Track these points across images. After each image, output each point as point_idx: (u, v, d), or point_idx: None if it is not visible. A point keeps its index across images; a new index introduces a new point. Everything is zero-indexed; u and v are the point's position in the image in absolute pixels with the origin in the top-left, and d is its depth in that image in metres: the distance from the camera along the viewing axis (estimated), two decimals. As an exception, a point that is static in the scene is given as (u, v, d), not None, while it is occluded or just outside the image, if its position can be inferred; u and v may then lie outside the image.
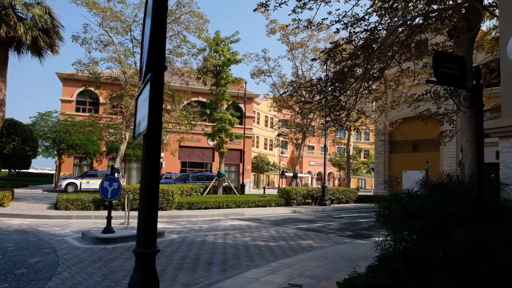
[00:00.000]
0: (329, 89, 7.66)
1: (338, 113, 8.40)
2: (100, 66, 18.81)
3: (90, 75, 18.53)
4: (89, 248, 8.38)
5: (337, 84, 7.49)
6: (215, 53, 21.49)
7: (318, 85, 7.54)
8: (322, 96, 7.97)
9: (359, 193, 25.41)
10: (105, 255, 7.72)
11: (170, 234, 10.71)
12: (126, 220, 11.49)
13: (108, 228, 9.57)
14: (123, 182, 32.12)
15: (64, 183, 30.22)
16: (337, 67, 7.97)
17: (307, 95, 8.55)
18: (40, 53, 18.34)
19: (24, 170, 57.23)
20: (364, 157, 73.49)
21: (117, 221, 12.90)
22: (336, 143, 32.40)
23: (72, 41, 17.17)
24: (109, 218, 9.66)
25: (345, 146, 65.35)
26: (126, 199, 11.90)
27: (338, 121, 8.63)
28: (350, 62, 7.30)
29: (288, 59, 25.28)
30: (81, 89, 32.30)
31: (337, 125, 8.83)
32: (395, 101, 10.02)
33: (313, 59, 8.01)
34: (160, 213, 15.47)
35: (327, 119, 8.77)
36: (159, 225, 12.62)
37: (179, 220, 14.25)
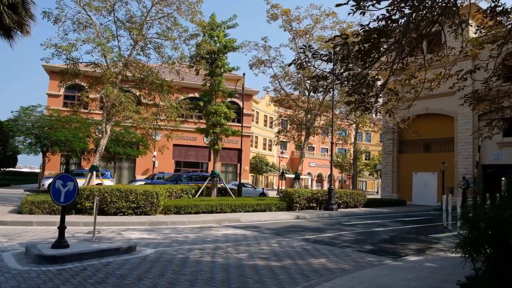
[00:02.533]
0: (353, 57, 5.46)
1: (366, 90, 6.19)
2: (79, 51, 16.57)
3: (67, 60, 16.22)
4: (24, 272, 6.10)
5: (367, 47, 5.28)
6: (209, 38, 19.23)
7: (344, 49, 5.33)
8: (345, 66, 5.77)
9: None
10: (40, 284, 5.45)
11: (145, 248, 8.43)
12: (94, 229, 9.23)
13: (60, 242, 7.29)
14: (111, 182, 29.86)
15: (46, 182, 27.89)
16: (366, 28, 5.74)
17: (324, 65, 6.45)
18: (9, 34, 15.98)
19: (11, 169, 54.91)
20: (366, 159, 71.13)
21: (85, 229, 10.68)
22: (344, 141, 30.05)
23: (43, 18, 14.88)
24: (61, 228, 7.37)
25: (346, 147, 63.22)
26: (94, 202, 9.62)
27: (365, 102, 6.43)
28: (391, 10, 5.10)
29: (291, 48, 23.04)
30: (70, 82, 29.99)
31: (362, 107, 6.64)
32: (435, 79, 7.81)
33: (338, 5, 5.79)
34: (141, 218, 13.18)
35: (349, 99, 6.66)
36: (136, 235, 10.34)
37: (162, 227, 11.96)
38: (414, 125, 26.27)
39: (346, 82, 6.15)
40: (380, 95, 7.33)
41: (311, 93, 23.28)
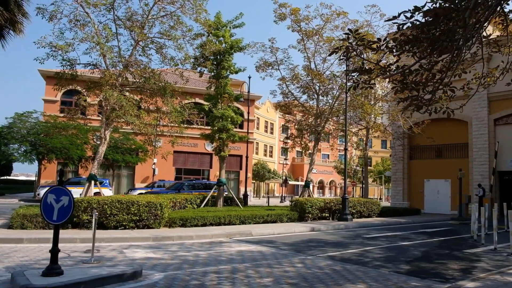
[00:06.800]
0: (419, 41, 4.38)
1: (418, 86, 5.10)
2: (76, 51, 15.44)
3: (64, 61, 15.07)
4: (6, 311, 4.93)
5: (436, 31, 4.19)
6: (215, 38, 18.15)
7: (412, 29, 4.23)
8: (399, 54, 4.73)
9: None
10: (23, 331, 4.27)
11: (152, 272, 7.24)
12: (92, 248, 8.04)
13: (52, 268, 6.10)
14: (110, 190, 28.64)
15: (42, 191, 26.57)
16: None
17: (371, 56, 5.40)
18: (0, 33, 14.90)
19: (7, 177, 53.53)
20: (368, 165, 69.71)
21: (83, 246, 9.49)
22: (357, 147, 28.91)
23: (37, 15, 13.77)
24: (54, 251, 6.20)
25: (348, 154, 61.98)
26: (93, 217, 8.43)
27: (418, 99, 5.34)
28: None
29: (299, 50, 21.96)
30: (66, 88, 28.81)
31: (414, 106, 5.54)
32: (489, 74, 6.70)
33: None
34: (144, 232, 11.90)
35: (400, 95, 5.65)
36: (140, 253, 9.14)
37: (168, 243, 10.76)
38: (425, 130, 25.21)
39: (397, 75, 5.10)
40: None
41: (320, 97, 22.23)
